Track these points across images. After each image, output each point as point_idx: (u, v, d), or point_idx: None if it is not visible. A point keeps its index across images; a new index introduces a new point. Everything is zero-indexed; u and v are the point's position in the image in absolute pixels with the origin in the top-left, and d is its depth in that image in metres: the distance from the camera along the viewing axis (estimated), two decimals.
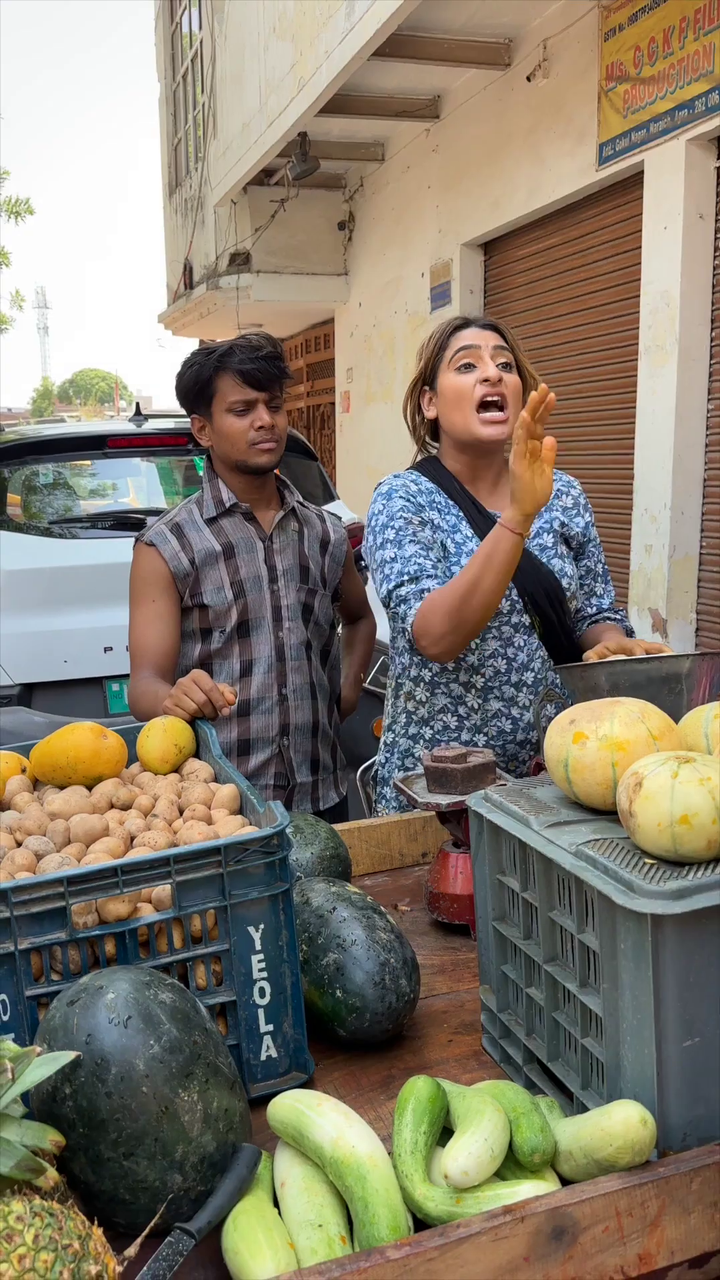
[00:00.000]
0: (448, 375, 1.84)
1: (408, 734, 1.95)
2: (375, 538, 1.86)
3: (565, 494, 1.99)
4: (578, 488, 2.02)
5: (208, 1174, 0.91)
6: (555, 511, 1.95)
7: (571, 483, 2.02)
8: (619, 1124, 0.87)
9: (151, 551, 2.07)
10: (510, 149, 6.11)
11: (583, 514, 1.99)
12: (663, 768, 0.95)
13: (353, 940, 1.19)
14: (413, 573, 1.78)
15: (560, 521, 1.95)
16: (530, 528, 1.66)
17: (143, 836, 1.18)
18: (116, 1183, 0.89)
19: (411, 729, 1.94)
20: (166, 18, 12.11)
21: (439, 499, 1.89)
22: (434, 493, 1.90)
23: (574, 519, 1.97)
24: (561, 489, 1.99)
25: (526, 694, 1.88)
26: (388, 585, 1.80)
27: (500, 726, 1.88)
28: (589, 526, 2.00)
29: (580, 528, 1.97)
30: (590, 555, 2.00)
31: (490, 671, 1.86)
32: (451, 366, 1.83)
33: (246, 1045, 1.10)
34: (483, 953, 1.19)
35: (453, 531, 1.87)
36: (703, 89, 4.36)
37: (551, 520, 1.94)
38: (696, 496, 4.83)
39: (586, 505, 2.01)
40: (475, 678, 1.87)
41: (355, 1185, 0.87)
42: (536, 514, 1.64)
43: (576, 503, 2.00)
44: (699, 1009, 0.89)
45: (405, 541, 1.81)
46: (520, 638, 1.88)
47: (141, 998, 0.91)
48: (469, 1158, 0.88)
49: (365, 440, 9.31)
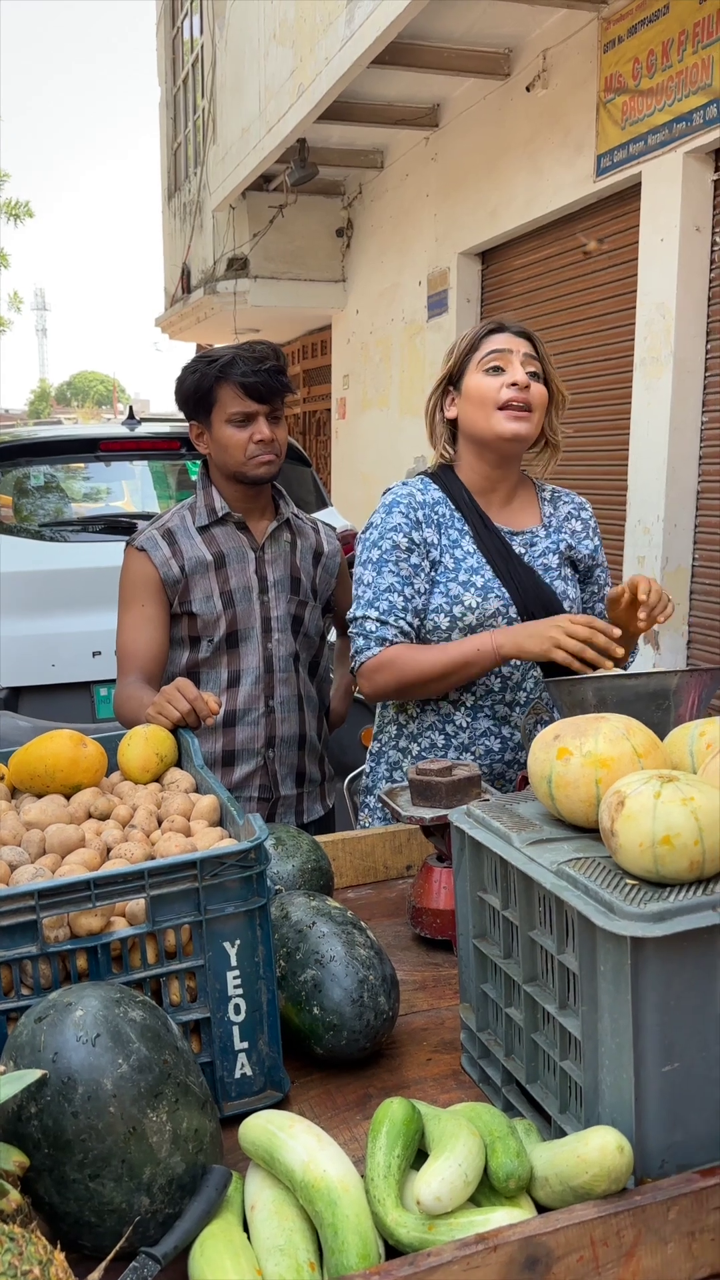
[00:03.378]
0: (475, 375, 1.82)
1: (396, 746, 1.93)
2: (361, 551, 1.86)
3: (575, 517, 1.97)
4: (589, 510, 2.00)
5: (176, 1196, 0.89)
6: (564, 534, 1.94)
7: (583, 505, 2.00)
8: (595, 1151, 0.85)
9: (142, 556, 2.05)
10: (509, 159, 6.12)
11: (592, 537, 1.97)
12: (645, 786, 0.93)
13: (331, 956, 1.17)
14: (380, 611, 1.78)
15: (568, 544, 1.93)
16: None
17: (119, 848, 1.16)
18: (82, 1205, 0.87)
19: (401, 742, 1.92)
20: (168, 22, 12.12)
21: (444, 510, 1.87)
22: (440, 504, 1.87)
23: (582, 542, 1.95)
24: (572, 511, 1.97)
25: (518, 713, 1.86)
26: (354, 608, 1.82)
27: (488, 745, 1.85)
28: (597, 550, 1.98)
29: (588, 551, 1.96)
30: (597, 580, 1.99)
31: (482, 690, 1.84)
32: (480, 367, 1.82)
33: (220, 1063, 1.08)
34: (463, 970, 1.17)
35: (453, 547, 1.84)
36: (701, 102, 4.37)
37: (559, 542, 1.92)
38: (690, 509, 4.83)
39: (596, 529, 2.00)
40: (465, 696, 1.84)
41: (325, 1211, 0.86)
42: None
43: (587, 526, 1.97)
44: (678, 1033, 0.88)
45: (385, 569, 1.80)
46: None
47: (111, 1015, 0.89)
48: (442, 1183, 0.86)
49: (361, 447, 9.30)
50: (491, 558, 1.84)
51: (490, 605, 1.81)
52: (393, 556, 1.81)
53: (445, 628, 1.81)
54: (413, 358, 7.93)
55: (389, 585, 1.79)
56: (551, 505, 1.97)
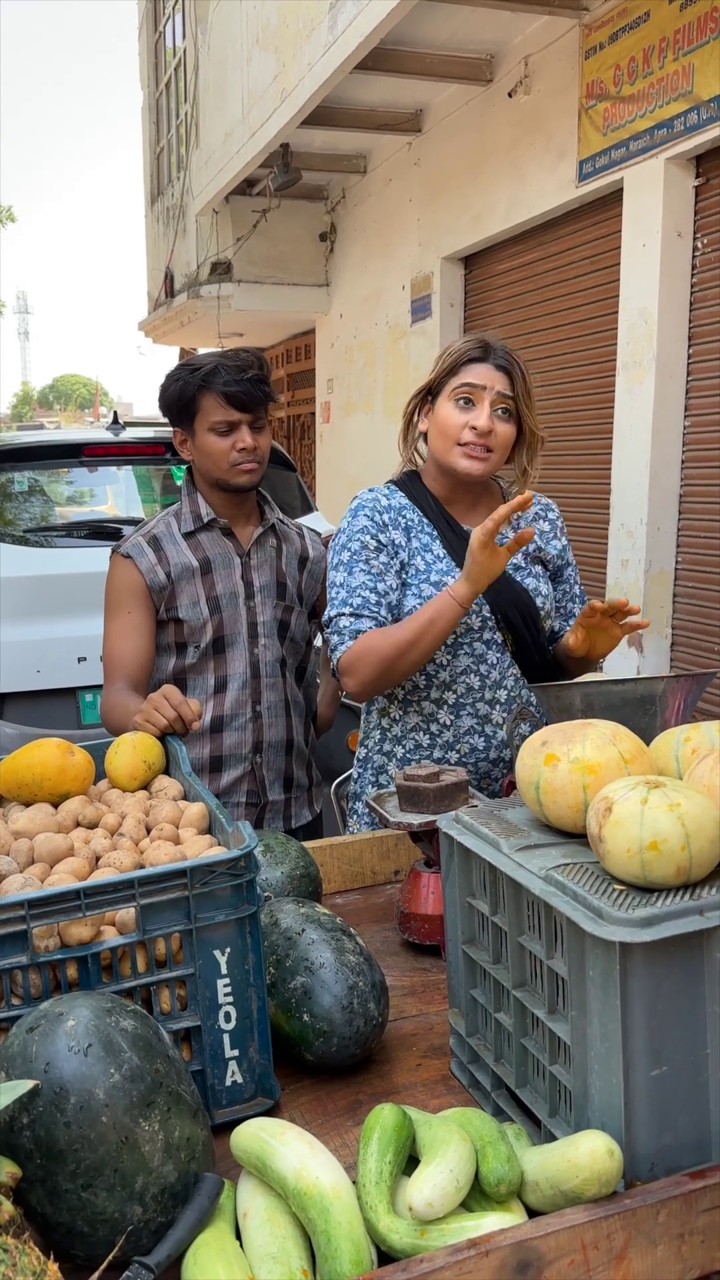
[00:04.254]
0: (446, 403, 1.83)
1: (382, 750, 1.94)
2: (332, 555, 1.87)
3: (542, 517, 1.98)
4: (555, 511, 2.02)
5: (168, 1205, 0.89)
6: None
7: (550, 506, 2.01)
8: (585, 1155, 0.86)
9: (128, 564, 2.05)
10: (491, 164, 6.14)
11: (559, 537, 1.99)
12: (633, 793, 0.94)
13: (321, 963, 1.17)
14: (354, 607, 1.79)
15: (536, 545, 1.94)
16: (473, 603, 1.73)
17: (108, 857, 1.16)
18: (75, 1215, 0.87)
19: (386, 745, 1.93)
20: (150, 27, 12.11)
21: (411, 516, 1.88)
22: (406, 509, 1.89)
23: (549, 543, 1.97)
24: (539, 511, 1.99)
25: (500, 711, 1.87)
26: (329, 610, 1.83)
27: (473, 744, 1.87)
28: (565, 550, 1.99)
29: (556, 551, 1.97)
30: (568, 580, 2.00)
31: (462, 688, 1.86)
32: (452, 397, 1.81)
33: (211, 1071, 1.08)
34: (452, 976, 1.18)
35: (424, 550, 1.86)
36: (682, 108, 4.40)
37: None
38: (673, 512, 4.85)
39: (563, 529, 2.01)
40: (447, 694, 1.86)
41: (318, 1218, 0.86)
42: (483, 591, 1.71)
43: (554, 526, 1.99)
44: (667, 1038, 0.88)
45: (356, 568, 1.82)
46: (493, 654, 1.87)
47: (102, 1025, 0.89)
48: (434, 1189, 0.86)
49: (345, 451, 9.31)
50: (460, 559, 1.84)
51: None
52: (362, 556, 1.82)
53: None
54: (397, 362, 7.95)
55: (360, 583, 1.81)
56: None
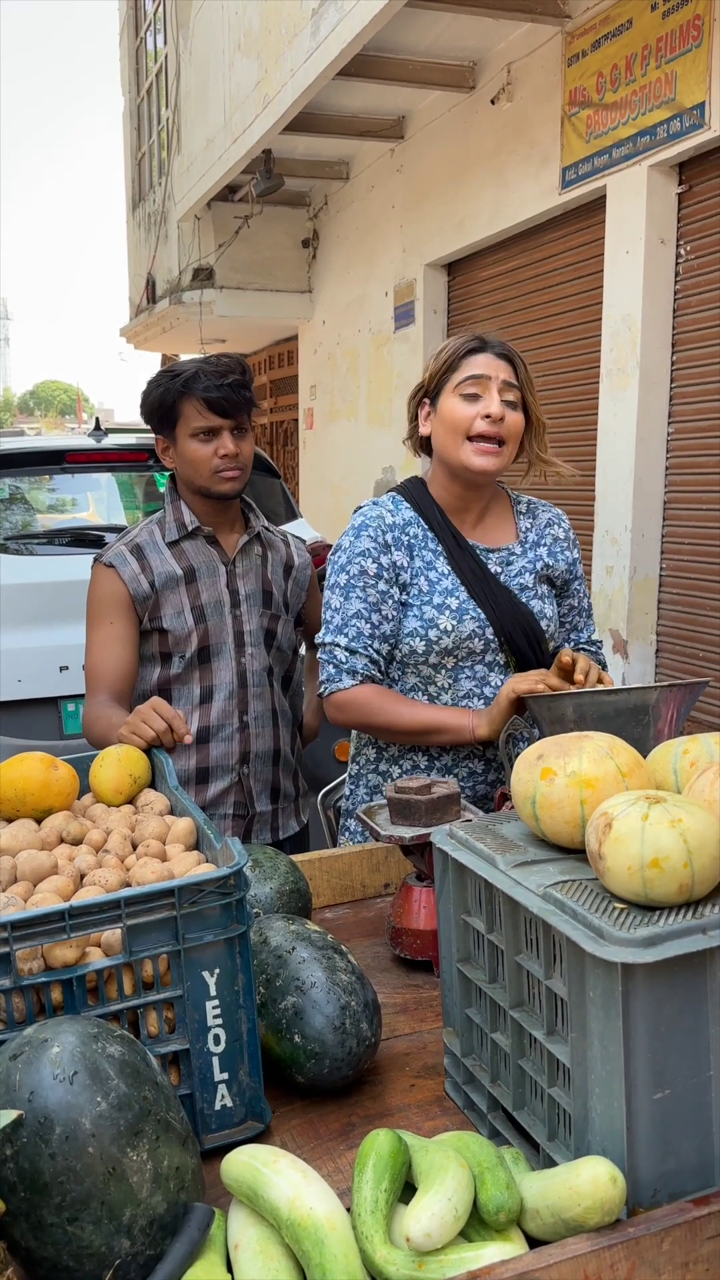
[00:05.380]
0: (450, 399, 1.76)
1: (377, 770, 1.89)
2: (330, 573, 1.81)
3: (557, 524, 1.93)
4: (566, 523, 1.95)
5: (157, 1237, 0.86)
6: (543, 546, 1.89)
7: (560, 517, 1.95)
8: (588, 1183, 0.83)
9: (110, 573, 2.02)
10: (474, 171, 6.15)
11: (569, 550, 1.93)
12: (633, 808, 0.92)
13: (312, 982, 1.14)
14: (349, 638, 1.76)
15: (544, 563, 1.88)
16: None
17: (93, 875, 1.13)
18: (60, 1249, 0.84)
19: (382, 765, 1.88)
20: (131, 32, 12.08)
21: (416, 531, 1.82)
22: (412, 524, 1.82)
23: (563, 553, 1.91)
24: (552, 519, 1.93)
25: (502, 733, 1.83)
26: (323, 633, 1.80)
27: (471, 768, 1.82)
28: (575, 564, 1.93)
29: (565, 564, 1.91)
30: (575, 593, 1.94)
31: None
32: (457, 391, 1.74)
33: (200, 1095, 1.05)
34: (446, 995, 1.15)
35: (427, 569, 1.80)
36: (664, 116, 4.41)
37: (535, 560, 1.87)
38: (657, 519, 4.86)
39: (574, 541, 1.95)
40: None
41: (312, 1250, 0.83)
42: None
43: (567, 535, 1.93)
44: (670, 1060, 0.86)
45: (353, 594, 1.77)
46: (496, 677, 1.81)
47: (88, 1051, 0.87)
48: (431, 1219, 0.84)
49: (329, 457, 9.29)
50: (466, 579, 1.79)
51: (466, 627, 1.77)
52: (360, 582, 1.77)
53: (421, 652, 1.77)
54: (380, 368, 7.93)
55: (356, 611, 1.76)
56: (529, 518, 1.92)
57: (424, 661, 1.79)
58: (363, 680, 1.76)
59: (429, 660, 1.78)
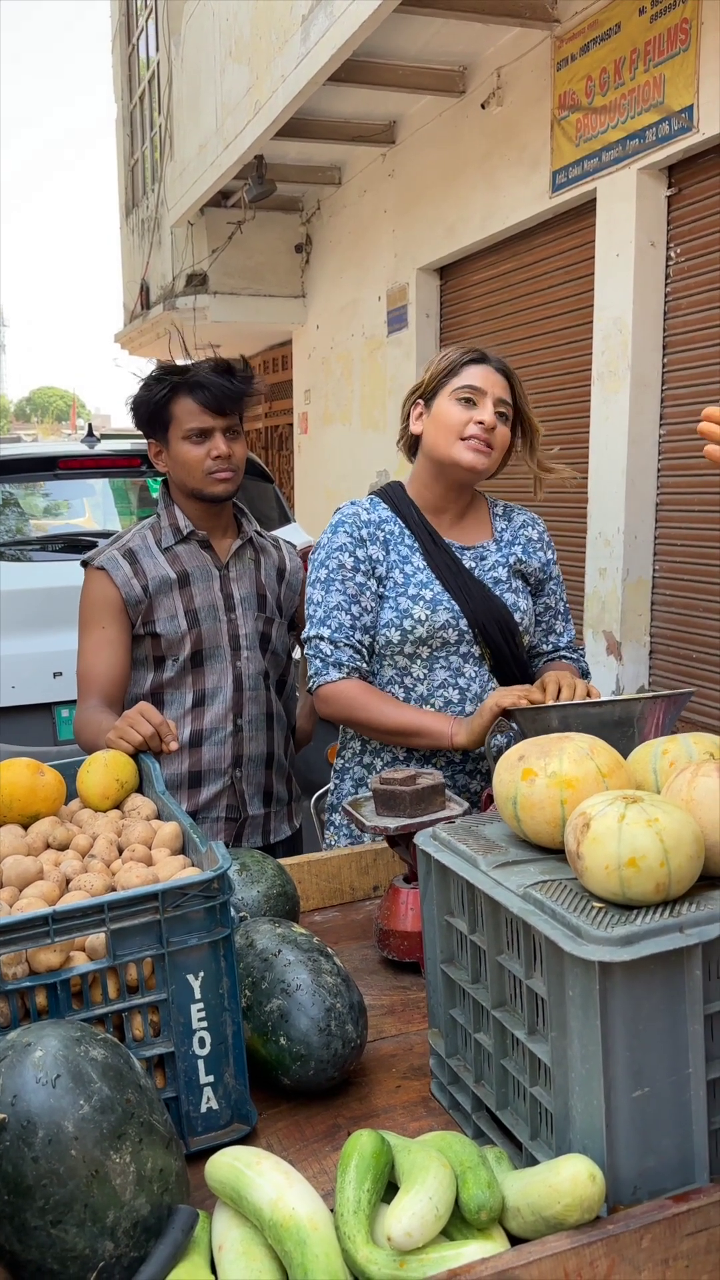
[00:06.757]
0: (446, 401, 1.82)
1: (361, 762, 1.93)
2: (311, 571, 1.87)
3: (532, 525, 1.98)
4: (541, 525, 2.01)
5: (141, 1239, 0.87)
6: (515, 548, 1.94)
7: (536, 520, 2.01)
8: (567, 1181, 0.84)
9: (102, 576, 2.02)
10: (465, 175, 6.16)
11: (544, 551, 1.98)
12: (610, 808, 0.93)
13: (298, 985, 1.15)
14: (331, 629, 1.80)
15: (519, 559, 1.93)
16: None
17: (79, 879, 1.14)
18: (44, 1252, 0.84)
19: (366, 757, 1.92)
20: (123, 39, 12.11)
21: (393, 529, 1.88)
22: (388, 521, 1.88)
23: (536, 553, 1.96)
24: (528, 521, 1.98)
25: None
26: (308, 628, 1.84)
27: (450, 756, 1.85)
28: (549, 564, 1.98)
29: (539, 564, 1.96)
30: (550, 593, 1.99)
31: (440, 701, 1.84)
32: (453, 396, 1.81)
33: (186, 1097, 1.06)
34: (431, 996, 1.16)
35: (403, 563, 1.85)
36: (653, 119, 4.42)
37: (509, 555, 1.92)
38: (649, 521, 4.87)
39: (548, 543, 2.00)
40: (425, 707, 1.84)
41: (295, 1250, 0.84)
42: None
43: (541, 537, 1.98)
44: (648, 1058, 0.87)
45: (333, 588, 1.82)
46: (470, 668, 1.86)
47: (71, 1055, 0.87)
48: (412, 1218, 0.84)
49: (323, 462, 9.30)
50: (440, 572, 1.84)
51: (439, 617, 1.82)
52: (339, 575, 1.82)
53: (397, 642, 1.82)
54: (374, 372, 7.95)
55: (337, 604, 1.81)
56: (505, 520, 1.98)
57: (399, 652, 1.83)
58: (348, 673, 1.80)
59: (404, 650, 1.83)
